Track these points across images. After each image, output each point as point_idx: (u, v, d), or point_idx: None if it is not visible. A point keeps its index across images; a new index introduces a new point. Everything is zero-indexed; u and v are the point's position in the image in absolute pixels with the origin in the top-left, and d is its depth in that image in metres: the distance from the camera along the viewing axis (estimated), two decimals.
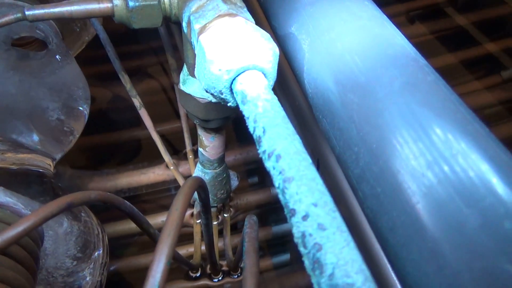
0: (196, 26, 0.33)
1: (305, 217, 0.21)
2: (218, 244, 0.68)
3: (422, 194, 0.21)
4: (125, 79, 0.58)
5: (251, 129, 0.28)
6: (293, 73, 0.36)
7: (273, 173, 0.24)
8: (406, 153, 0.23)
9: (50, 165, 0.51)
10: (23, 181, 0.48)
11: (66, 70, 0.58)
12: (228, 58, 0.29)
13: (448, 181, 0.21)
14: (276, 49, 0.32)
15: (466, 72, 0.98)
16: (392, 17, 0.32)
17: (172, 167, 0.69)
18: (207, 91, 0.32)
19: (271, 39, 0.31)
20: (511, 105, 0.89)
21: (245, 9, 0.35)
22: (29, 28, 0.54)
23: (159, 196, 0.83)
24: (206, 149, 0.52)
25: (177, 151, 0.86)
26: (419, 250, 0.21)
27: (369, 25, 0.30)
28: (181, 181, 0.70)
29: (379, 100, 0.26)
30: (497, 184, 0.20)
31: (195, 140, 0.78)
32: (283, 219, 0.92)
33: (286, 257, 0.86)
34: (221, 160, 0.55)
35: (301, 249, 0.21)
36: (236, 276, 0.64)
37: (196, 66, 0.33)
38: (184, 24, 0.37)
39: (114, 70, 0.61)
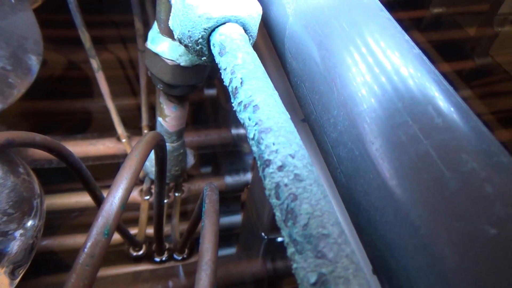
0: None
1: (280, 168, 0.20)
2: (164, 229, 0.65)
3: (402, 156, 0.21)
4: (85, 36, 0.54)
5: (226, 81, 0.26)
6: (272, 40, 0.35)
7: (248, 124, 0.23)
8: None
9: None
10: None
11: (19, 17, 0.53)
12: (210, 4, 0.27)
13: (430, 145, 0.20)
14: (260, 10, 0.30)
15: None
16: None
17: (124, 140, 0.65)
18: (181, 42, 0.30)
19: None
20: None
21: None
22: None
23: (105, 176, 0.78)
24: (166, 119, 0.49)
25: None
26: (394, 212, 0.20)
27: None
28: None
29: None
30: (478, 150, 0.20)
31: (151, 118, 0.75)
32: (232, 211, 0.90)
33: (232, 250, 0.84)
34: (179, 134, 0.52)
35: (273, 200, 0.20)
36: (180, 258, 0.61)
37: (172, 14, 0.30)
38: None
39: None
